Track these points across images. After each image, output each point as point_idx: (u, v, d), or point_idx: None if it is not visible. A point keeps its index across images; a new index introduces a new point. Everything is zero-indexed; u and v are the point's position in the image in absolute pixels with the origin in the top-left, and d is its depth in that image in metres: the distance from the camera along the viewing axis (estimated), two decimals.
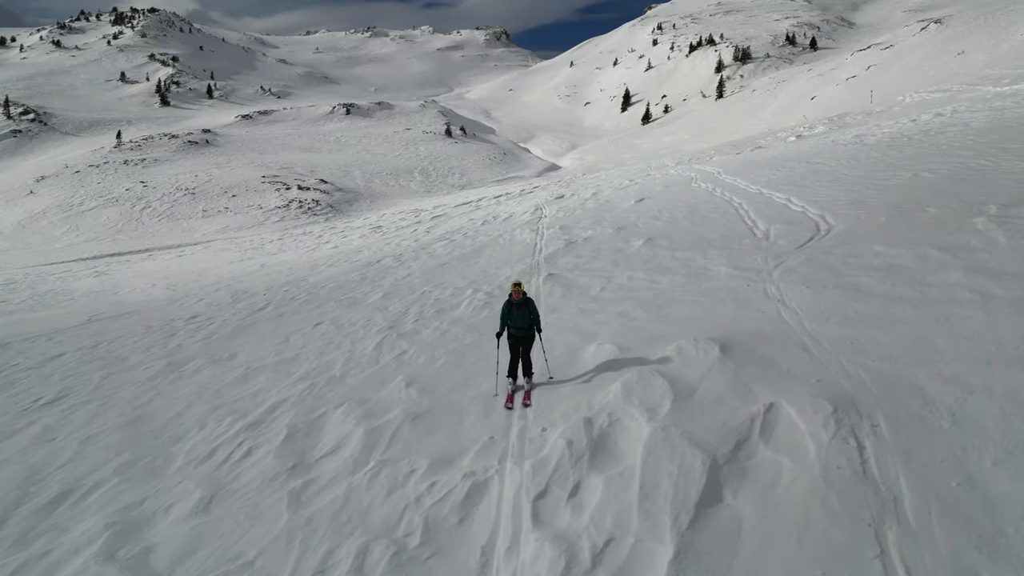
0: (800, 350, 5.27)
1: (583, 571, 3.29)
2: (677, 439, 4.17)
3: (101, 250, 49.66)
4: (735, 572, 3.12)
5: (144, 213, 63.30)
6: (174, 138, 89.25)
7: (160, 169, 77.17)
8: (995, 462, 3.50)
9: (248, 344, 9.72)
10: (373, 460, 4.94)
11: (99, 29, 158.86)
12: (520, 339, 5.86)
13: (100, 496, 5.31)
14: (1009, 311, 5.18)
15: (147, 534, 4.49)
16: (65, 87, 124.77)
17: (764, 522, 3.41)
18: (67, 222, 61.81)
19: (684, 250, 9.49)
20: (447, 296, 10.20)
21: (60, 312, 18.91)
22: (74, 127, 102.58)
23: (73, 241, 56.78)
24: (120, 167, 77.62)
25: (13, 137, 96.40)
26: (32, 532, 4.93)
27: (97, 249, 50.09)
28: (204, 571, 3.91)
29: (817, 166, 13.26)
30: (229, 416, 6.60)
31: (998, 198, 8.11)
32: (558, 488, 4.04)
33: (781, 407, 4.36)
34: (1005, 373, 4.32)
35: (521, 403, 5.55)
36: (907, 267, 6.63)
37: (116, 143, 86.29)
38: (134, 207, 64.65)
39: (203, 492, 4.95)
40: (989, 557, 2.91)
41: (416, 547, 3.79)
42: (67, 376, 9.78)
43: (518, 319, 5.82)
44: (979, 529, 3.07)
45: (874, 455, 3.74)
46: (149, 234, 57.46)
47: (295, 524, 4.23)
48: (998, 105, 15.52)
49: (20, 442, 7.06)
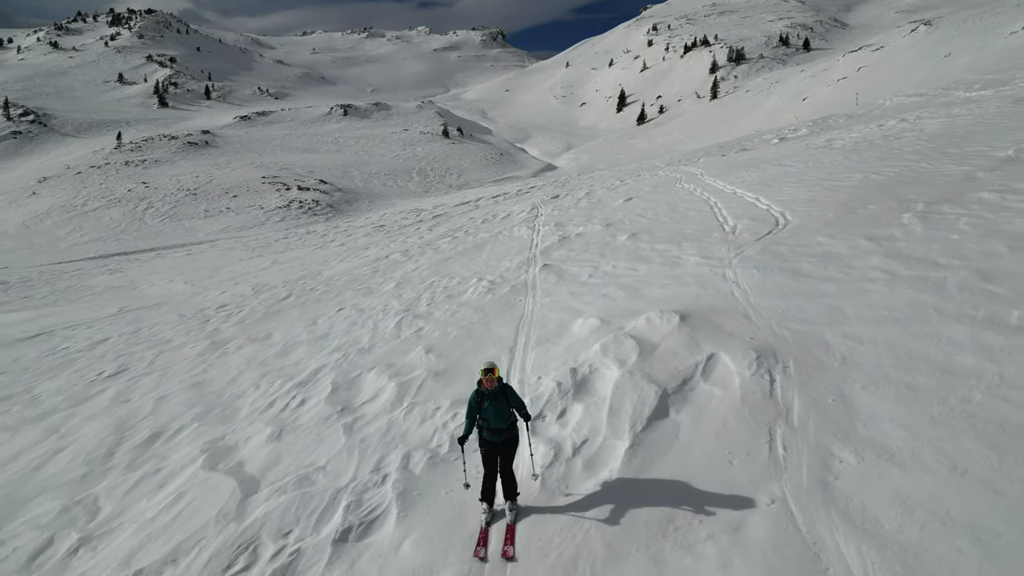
0: (743, 317, 6.68)
1: (566, 458, 4.70)
2: (639, 379, 5.58)
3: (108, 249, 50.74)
4: (671, 455, 4.53)
5: (147, 213, 64.42)
6: (174, 139, 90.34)
7: (161, 170, 78.25)
8: (862, 386, 4.91)
9: (280, 326, 11.10)
10: (406, 402, 6.34)
11: (96, 30, 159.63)
12: (496, 447, 4.22)
13: (186, 435, 6.70)
14: (906, 286, 6.60)
15: (236, 455, 5.89)
16: (63, 88, 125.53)
17: (695, 427, 4.82)
18: (71, 222, 62.86)
19: (662, 243, 10.90)
20: (454, 284, 11.59)
21: (87, 305, 20.20)
22: (74, 128, 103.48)
23: (78, 241, 57.84)
24: (121, 168, 78.63)
25: (13, 138, 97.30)
26: (138, 460, 6.32)
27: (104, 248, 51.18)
28: (288, 473, 5.31)
29: (787, 168, 14.71)
30: (278, 379, 7.99)
31: (927, 196, 9.55)
32: (549, 412, 5.44)
33: (719, 356, 5.77)
34: (888, 330, 5.74)
35: (501, 553, 3.86)
36: (840, 254, 8.06)
37: (116, 144, 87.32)
38: (137, 207, 65.74)
39: (272, 428, 6.34)
40: (841, 441, 4.31)
41: (445, 454, 5.19)
42: (120, 355, 11.14)
43: (493, 418, 4.17)
44: (839, 425, 4.47)
45: (780, 384, 5.15)
46: (153, 234, 58.64)
47: (352, 443, 5.63)
48: (956, 112, 16.96)
49: (99, 404, 8.43)
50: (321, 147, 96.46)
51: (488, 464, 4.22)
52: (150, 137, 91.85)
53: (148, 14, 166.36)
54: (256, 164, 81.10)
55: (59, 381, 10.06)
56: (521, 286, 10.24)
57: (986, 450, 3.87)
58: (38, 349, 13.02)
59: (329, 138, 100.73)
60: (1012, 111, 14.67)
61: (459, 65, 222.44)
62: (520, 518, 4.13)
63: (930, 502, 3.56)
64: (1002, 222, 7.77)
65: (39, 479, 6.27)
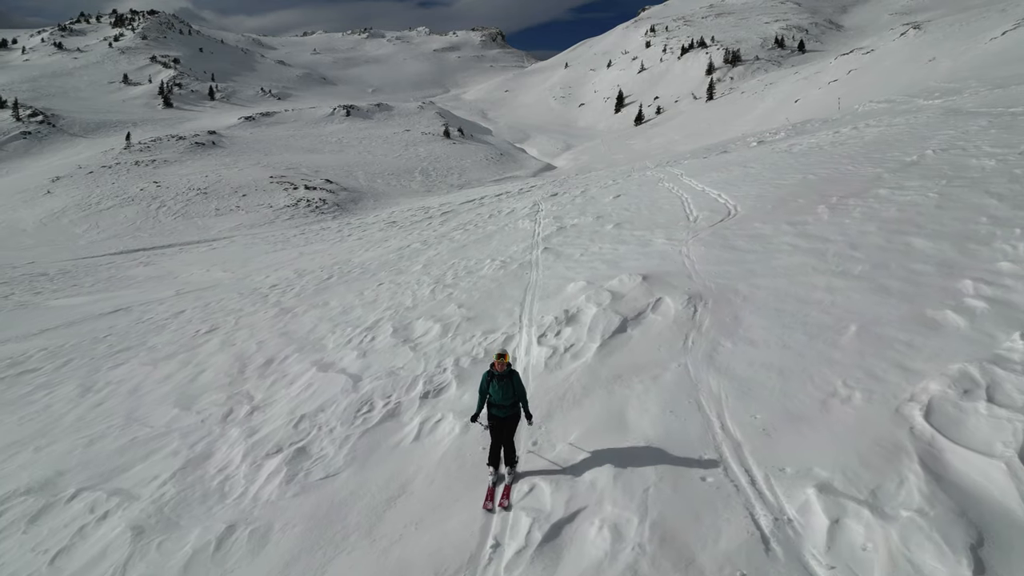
0: (686, 277, 9.53)
1: (559, 355, 7.56)
2: (609, 312, 8.43)
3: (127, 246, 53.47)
4: (624, 350, 7.37)
5: (160, 212, 67.19)
6: (181, 139, 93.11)
7: (170, 170, 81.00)
8: (749, 312, 7.75)
9: (333, 297, 13.96)
10: (449, 335, 9.20)
11: (99, 31, 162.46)
12: (502, 420, 5.20)
13: (293, 359, 9.54)
14: (800, 254, 9.45)
15: (338, 365, 8.74)
16: (69, 89, 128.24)
17: (641, 336, 7.67)
18: (86, 220, 65.58)
19: (639, 230, 13.77)
20: (472, 264, 14.44)
21: (140, 290, 23.02)
22: (81, 129, 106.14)
23: (95, 238, 60.56)
24: (132, 168, 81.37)
25: (23, 139, 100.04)
26: (266, 372, 9.17)
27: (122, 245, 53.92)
28: (379, 371, 8.15)
29: (749, 170, 17.59)
30: (348, 328, 10.85)
31: (842, 192, 12.42)
32: (550, 333, 8.30)
33: (664, 298, 8.61)
34: (778, 280, 8.59)
35: (499, 503, 4.90)
36: (765, 234, 10.92)
37: (126, 145, 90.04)
38: (150, 206, 68.50)
39: (357, 352, 9.20)
40: (726, 337, 7.14)
41: (483, 358, 8.04)
42: (204, 320, 13.99)
43: (500, 396, 5.15)
44: (728, 330, 7.31)
45: (699, 312, 8.00)
46: (167, 231, 61.45)
47: (418, 355, 8.49)
48: (895, 121, 19.80)
49: (212, 347, 11.29)
50: (325, 147, 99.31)
51: (494, 435, 5.20)
52: (158, 138, 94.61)
53: (151, 15, 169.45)
54: (263, 164, 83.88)
55: (164, 337, 12.92)
56: (527, 264, 13.09)
57: (803, 336, 6.73)
58: (125, 320, 15.87)
59: (333, 138, 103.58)
60: (938, 121, 17.51)
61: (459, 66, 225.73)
62: (516, 481, 5.15)
63: (763, 360, 6.41)
64: (882, 210, 10.65)
65: (196, 386, 9.13)
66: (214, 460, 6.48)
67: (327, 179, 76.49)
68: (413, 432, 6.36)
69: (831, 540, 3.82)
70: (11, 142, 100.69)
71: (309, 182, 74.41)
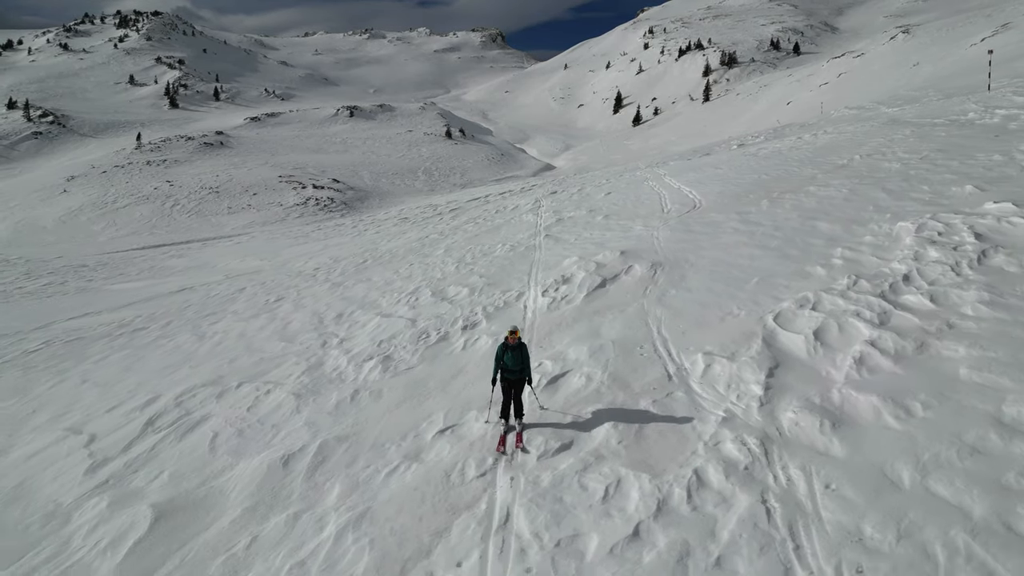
0: (653, 252, 12.85)
1: (557, 302, 10.88)
2: (594, 275, 11.74)
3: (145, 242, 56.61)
4: (603, 298, 10.68)
5: (174, 210, 70.34)
6: (190, 140, 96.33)
7: (181, 169, 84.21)
8: (693, 274, 11.07)
9: (374, 275, 17.28)
10: (475, 294, 12.52)
11: (104, 32, 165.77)
12: (512, 382, 6.53)
13: (359, 313, 12.87)
14: (739, 235, 12.76)
15: (394, 314, 12.08)
16: (76, 90, 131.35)
17: (616, 290, 10.98)
18: (104, 218, 68.71)
19: (623, 220, 17.09)
20: (486, 248, 17.76)
21: (187, 277, 26.28)
22: (91, 129, 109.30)
23: (114, 235, 63.69)
24: (144, 167, 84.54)
25: (34, 138, 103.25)
26: (340, 321, 12.48)
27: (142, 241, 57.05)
28: (429, 317, 11.48)
29: (719, 171, 20.94)
30: (394, 293, 14.18)
31: (783, 188, 15.75)
32: (551, 290, 11.62)
33: (635, 265, 11.92)
34: (718, 253, 11.90)
35: (514, 445, 6.21)
36: (717, 221, 14.24)
37: (136, 145, 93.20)
38: (164, 204, 71.66)
39: (407, 307, 12.53)
40: (674, 287, 10.45)
41: (503, 307, 11.36)
42: (268, 293, 17.29)
43: (511, 363, 6.46)
44: (675, 283, 10.63)
45: (657, 274, 11.31)
46: (182, 228, 64.66)
47: (454, 307, 11.83)
48: (847, 129, 23.18)
49: (286, 309, 14.61)
50: (330, 147, 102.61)
51: (505, 393, 6.58)
52: (168, 138, 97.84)
53: (155, 16, 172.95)
54: (271, 164, 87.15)
55: (240, 305, 16.24)
56: (531, 247, 16.41)
57: (723, 285, 10.02)
58: (195, 296, 19.18)
59: (337, 139, 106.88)
60: (877, 130, 20.80)
61: (459, 66, 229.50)
62: (524, 429, 6.58)
63: (693, 300, 9.71)
64: (806, 202, 13.98)
65: (290, 331, 12.45)
66: (327, 365, 9.80)
67: (334, 179, 79.65)
68: (460, 346, 9.69)
69: (703, 374, 7.13)
70: (23, 142, 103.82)
71: (317, 181, 77.56)
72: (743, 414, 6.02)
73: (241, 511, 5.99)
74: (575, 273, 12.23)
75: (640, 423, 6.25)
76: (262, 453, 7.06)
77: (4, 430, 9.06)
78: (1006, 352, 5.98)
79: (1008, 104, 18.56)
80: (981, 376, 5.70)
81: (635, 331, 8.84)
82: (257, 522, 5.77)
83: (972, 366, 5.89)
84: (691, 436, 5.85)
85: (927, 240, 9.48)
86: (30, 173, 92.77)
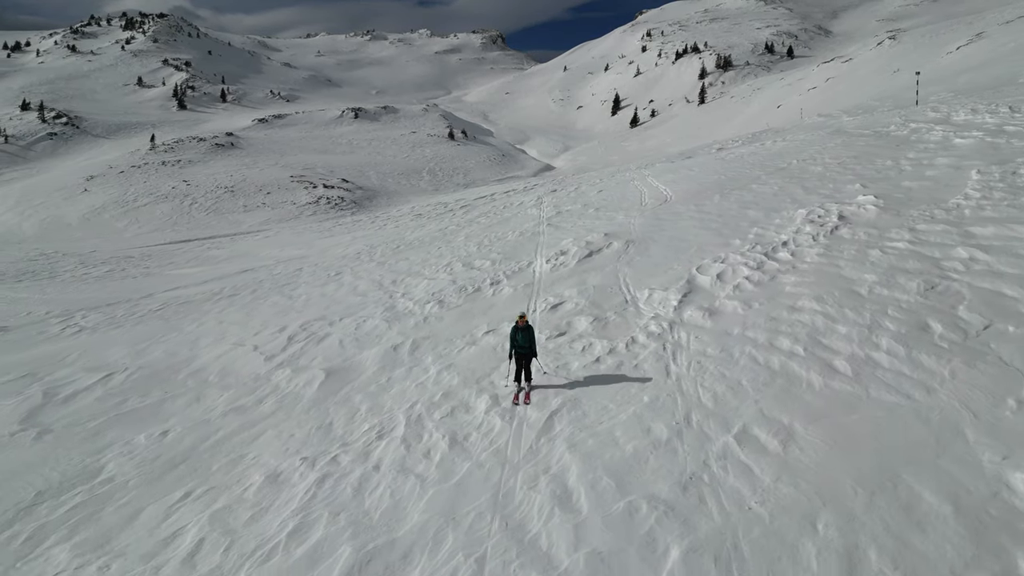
0: (629, 233, 17.47)
1: (557, 267, 15.51)
2: (583, 249, 16.36)
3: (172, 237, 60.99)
4: (589, 264, 15.29)
5: (193, 208, 74.86)
6: (202, 141, 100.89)
7: (196, 169, 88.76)
8: (653, 245, 15.69)
9: (410, 255, 21.88)
10: (496, 265, 17.14)
11: (110, 34, 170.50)
12: (521, 355, 8.49)
13: (411, 277, 17.50)
14: (692, 221, 17.38)
15: (439, 283, 16.72)
16: (86, 91, 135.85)
17: (598, 258, 15.60)
18: (126, 216, 73.18)
19: (610, 211, 21.71)
20: (500, 235, 22.36)
21: (236, 264, 30.79)
22: (104, 130, 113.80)
23: (138, 232, 68.17)
24: (159, 168, 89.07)
25: (50, 139, 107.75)
26: (404, 281, 17.12)
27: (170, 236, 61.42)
28: (465, 278, 16.10)
29: (691, 172, 25.57)
30: (433, 266, 18.79)
31: (733, 187, 20.37)
32: (552, 259, 16.25)
33: (613, 242, 16.54)
34: (674, 232, 16.52)
35: (523, 400, 8.30)
36: (679, 211, 18.87)
37: (151, 146, 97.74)
38: (182, 203, 76.17)
39: (446, 273, 17.16)
40: (640, 255, 15.06)
41: (517, 271, 15.98)
42: (326, 271, 21.88)
43: (521, 341, 8.48)
44: (640, 252, 15.24)
45: (629, 247, 15.93)
46: (202, 225, 69.18)
47: (482, 273, 16.45)
48: (799, 137, 27.84)
49: (348, 280, 19.22)
50: (336, 148, 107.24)
51: (517, 363, 8.63)
52: (180, 139, 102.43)
53: (160, 18, 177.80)
54: (281, 164, 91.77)
55: (305, 279, 20.82)
56: (536, 233, 21.00)
57: (673, 253, 14.62)
58: (260, 275, 23.73)
59: (343, 140, 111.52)
60: (820, 139, 25.40)
61: (460, 68, 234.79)
62: (532, 390, 8.63)
63: (651, 263, 14.31)
64: (746, 197, 18.59)
65: (359, 292, 17.03)
66: (399, 307, 14.39)
67: (343, 179, 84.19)
68: (491, 294, 14.30)
69: (647, 299, 11.72)
70: (38, 143, 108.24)
71: (327, 181, 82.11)
72: (663, 314, 10.62)
73: (376, 369, 10.58)
74: (570, 248, 16.85)
75: (605, 321, 10.86)
76: (376, 346, 11.67)
77: (183, 347, 13.64)
78: (816, 279, 10.55)
79: (922, 119, 23.18)
80: (795, 289, 10.29)
81: (609, 281, 13.44)
82: (387, 372, 10.36)
83: (795, 285, 10.48)
84: (633, 324, 10.46)
85: (808, 220, 14.11)
86: (48, 173, 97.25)
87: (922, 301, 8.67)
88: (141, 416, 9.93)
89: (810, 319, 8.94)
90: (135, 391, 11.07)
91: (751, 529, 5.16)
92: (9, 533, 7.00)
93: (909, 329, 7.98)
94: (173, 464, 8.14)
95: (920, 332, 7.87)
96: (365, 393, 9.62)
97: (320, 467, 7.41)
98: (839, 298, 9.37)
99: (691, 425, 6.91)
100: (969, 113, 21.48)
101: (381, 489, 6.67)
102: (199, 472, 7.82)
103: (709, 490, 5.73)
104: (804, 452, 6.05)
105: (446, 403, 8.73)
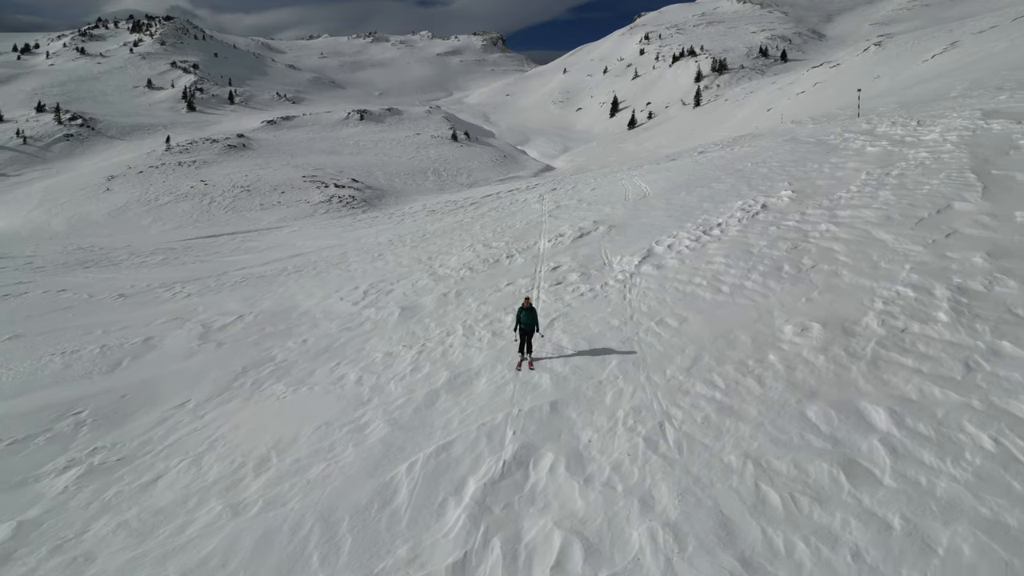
0: (612, 220, 22.84)
1: (556, 244, 20.90)
2: (577, 232, 21.75)
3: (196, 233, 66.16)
4: (582, 243, 20.66)
5: (211, 206, 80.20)
6: (215, 142, 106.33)
7: (211, 170, 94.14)
8: (631, 229, 21.06)
9: (436, 241, 27.26)
10: (509, 245, 22.54)
11: (118, 36, 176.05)
12: (525, 331, 10.52)
13: (440, 256, 22.90)
14: (661, 211, 22.76)
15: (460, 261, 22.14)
16: (97, 93, 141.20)
17: (588, 238, 21.00)
18: (150, 214, 78.50)
19: (600, 205, 27.10)
20: (509, 224, 27.73)
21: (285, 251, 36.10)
22: (118, 132, 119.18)
23: (163, 228, 73.48)
24: (176, 168, 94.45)
25: (66, 140, 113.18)
26: (435, 259, 22.52)
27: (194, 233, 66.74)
28: (485, 254, 21.48)
29: (670, 173, 30.97)
30: (458, 247, 24.19)
31: (696, 184, 25.73)
32: (553, 240, 21.64)
33: (600, 226, 21.91)
34: (647, 219, 21.91)
35: (527, 367, 10.47)
36: (653, 204, 24.27)
37: (166, 147, 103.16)
38: (202, 201, 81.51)
39: (470, 251, 22.56)
40: (619, 234, 20.43)
41: (526, 248, 21.37)
42: (368, 253, 27.27)
43: (525, 320, 10.48)
44: (621, 233, 20.61)
45: (612, 230, 21.29)
46: (223, 222, 74.52)
47: (498, 251, 21.86)
48: (761, 144, 33.22)
49: (391, 258, 24.64)
50: (344, 149, 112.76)
51: (521, 337, 10.63)
52: (193, 140, 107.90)
53: (167, 20, 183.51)
54: (291, 164, 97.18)
55: (353, 258, 26.19)
56: (540, 222, 26.36)
57: (644, 232, 19.99)
58: (312, 258, 29.11)
59: (350, 141, 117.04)
60: (775, 145, 30.75)
61: (461, 69, 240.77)
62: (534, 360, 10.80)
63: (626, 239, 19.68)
64: (706, 191, 23.95)
65: (403, 265, 22.40)
66: (438, 272, 19.74)
67: (353, 179, 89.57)
68: (507, 264, 19.68)
69: (618, 262, 17.08)
70: (55, 144, 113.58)
71: (338, 181, 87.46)
72: (627, 269, 15.96)
73: (434, 306, 15.96)
74: (566, 232, 22.22)
75: (589, 274, 16.23)
76: (431, 295, 17.05)
77: (285, 300, 18.96)
78: (730, 245, 15.86)
79: (857, 131, 28.53)
80: (714, 251, 15.63)
81: (594, 252, 18.78)
82: (443, 307, 15.73)
83: (715, 249, 15.80)
84: (607, 275, 15.82)
85: (741, 208, 19.47)
86: (68, 173, 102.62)
87: (784, 255, 14.05)
88: (280, 335, 15.30)
89: (716, 267, 14.32)
90: (267, 323, 16.45)
91: (655, 350, 10.51)
92: (239, 383, 12.34)
93: (770, 269, 13.35)
94: (320, 352, 13.51)
95: (776, 271, 13.24)
96: (432, 318, 15.01)
97: (416, 348, 12.77)
98: (738, 255, 14.75)
99: (632, 320, 12.26)
100: (889, 125, 26.83)
101: (456, 352, 12.04)
102: (340, 354, 13.18)
103: (636, 342, 11.07)
104: (690, 325, 11.40)
105: (485, 320, 14.10)
